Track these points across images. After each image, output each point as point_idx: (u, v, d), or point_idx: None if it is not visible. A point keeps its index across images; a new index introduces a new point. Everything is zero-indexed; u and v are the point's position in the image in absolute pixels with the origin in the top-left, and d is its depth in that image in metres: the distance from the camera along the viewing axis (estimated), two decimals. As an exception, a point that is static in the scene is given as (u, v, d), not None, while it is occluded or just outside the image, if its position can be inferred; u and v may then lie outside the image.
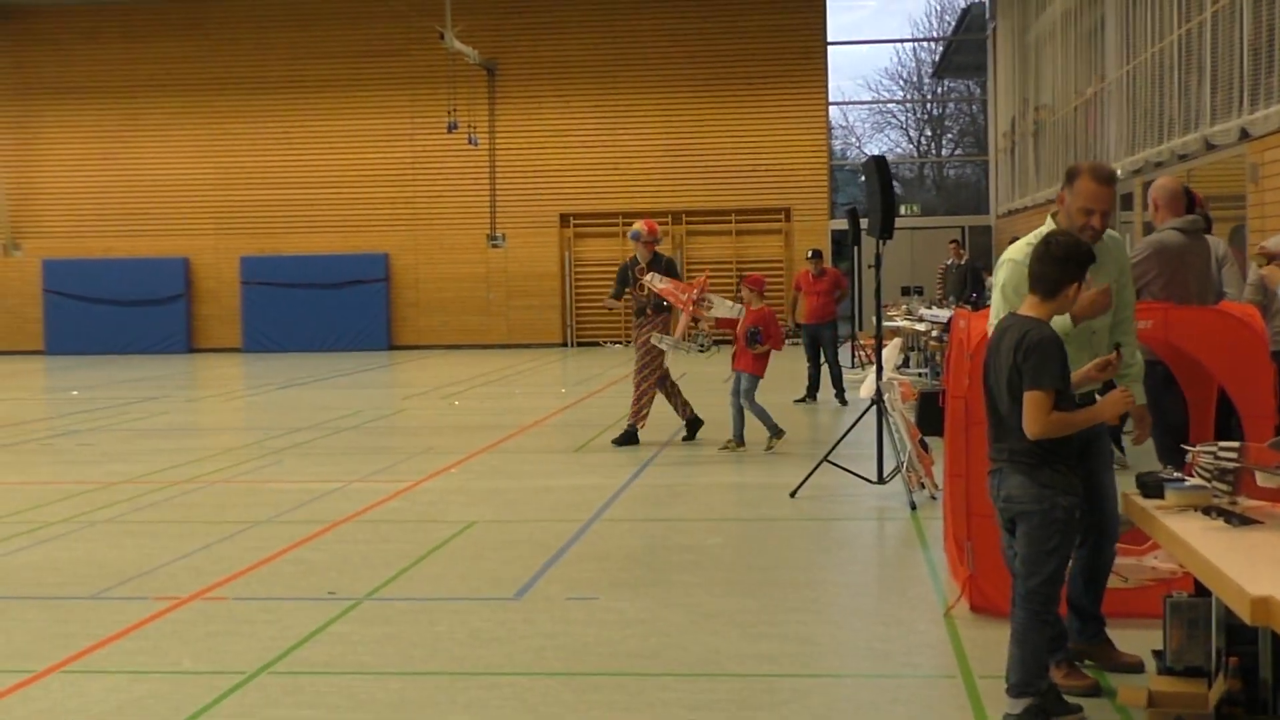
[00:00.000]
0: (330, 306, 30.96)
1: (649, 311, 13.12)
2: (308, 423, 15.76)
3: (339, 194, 31.40)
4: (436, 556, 8.24)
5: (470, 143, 29.39)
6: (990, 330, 5.48)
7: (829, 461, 10.39)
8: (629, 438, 13.12)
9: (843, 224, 27.45)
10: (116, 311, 31.46)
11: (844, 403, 16.38)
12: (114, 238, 32.03)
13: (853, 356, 21.66)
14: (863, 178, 13.24)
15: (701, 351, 13.04)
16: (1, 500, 10.64)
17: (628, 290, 13.27)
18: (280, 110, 31.53)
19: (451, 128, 28.48)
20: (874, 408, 10.35)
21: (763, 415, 12.47)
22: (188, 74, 31.75)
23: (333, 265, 31.09)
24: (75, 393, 21.05)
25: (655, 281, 12.98)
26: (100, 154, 32.10)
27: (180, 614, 6.89)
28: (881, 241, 10.23)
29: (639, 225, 13.28)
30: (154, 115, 31.87)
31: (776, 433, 12.51)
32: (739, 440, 12.52)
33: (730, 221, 30.75)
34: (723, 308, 12.75)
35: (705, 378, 19.48)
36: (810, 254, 17.59)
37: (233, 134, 31.72)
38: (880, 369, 10.45)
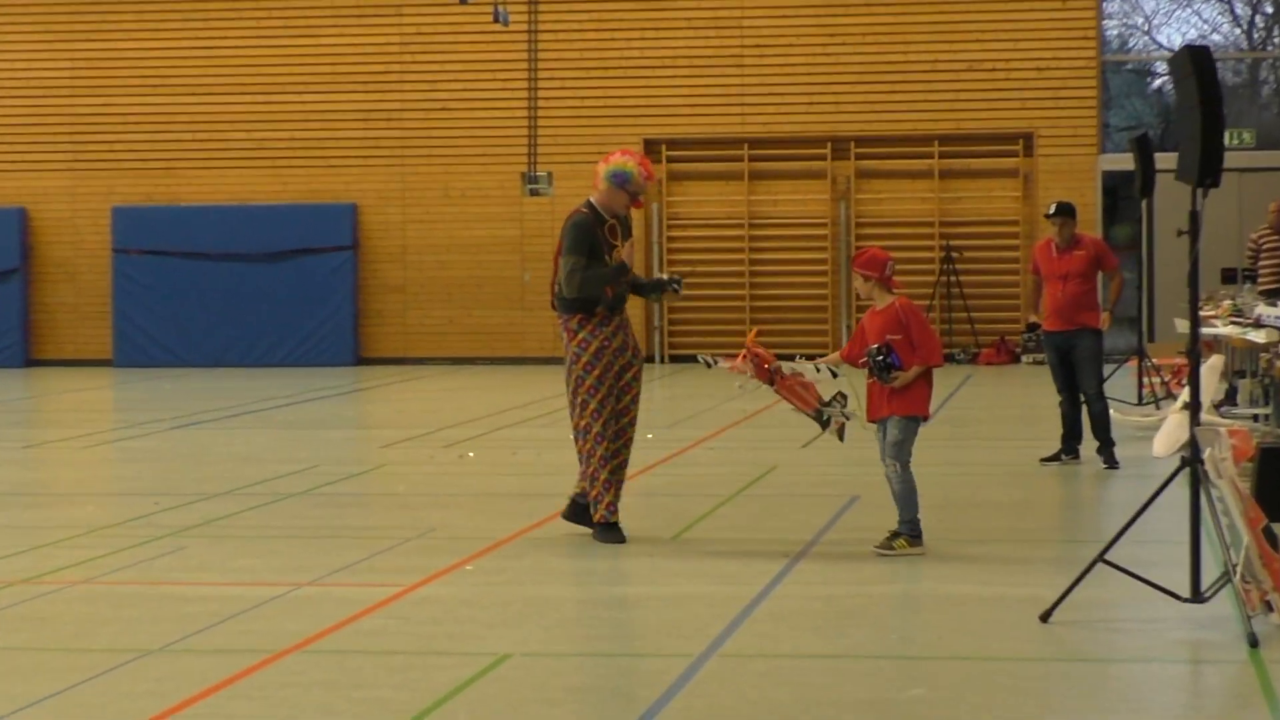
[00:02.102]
0: (261, 291, 31.17)
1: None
2: (225, 485, 15.91)
3: (279, 108, 31.67)
4: (446, 712, 8.26)
5: (497, 21, 29.49)
6: None
7: (1105, 562, 10.30)
8: (577, 513, 12.91)
9: (1123, 160, 27.28)
10: (-91, 298, 31.96)
11: (1113, 464, 16.16)
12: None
13: (1139, 386, 21.49)
14: (1158, 84, 13.16)
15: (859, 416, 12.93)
16: None
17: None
18: (183, -34, 31.96)
19: (465, -2, 28.73)
20: (1183, 473, 10.25)
21: (906, 492, 12.12)
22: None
23: (266, 223, 31.37)
24: None
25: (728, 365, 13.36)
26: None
27: (25, 800, 6.96)
28: (1200, 192, 10.14)
29: (631, 164, 12.82)
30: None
31: (912, 531, 12.19)
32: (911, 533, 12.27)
33: (931, 156, 30.71)
34: (807, 371, 12.91)
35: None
36: (1053, 210, 17.26)
37: (98, 12, 32.09)
38: (1196, 408, 10.37)
